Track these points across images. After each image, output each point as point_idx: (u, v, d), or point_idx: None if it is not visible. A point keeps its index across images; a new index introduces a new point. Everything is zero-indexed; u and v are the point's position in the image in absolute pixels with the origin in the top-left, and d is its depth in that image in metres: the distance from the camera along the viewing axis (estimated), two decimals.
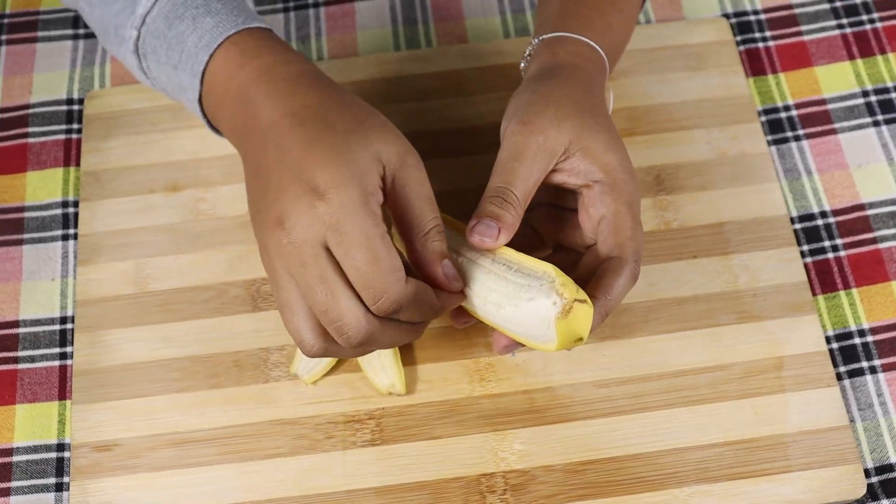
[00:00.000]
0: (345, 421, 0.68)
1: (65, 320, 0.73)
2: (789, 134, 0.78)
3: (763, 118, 0.79)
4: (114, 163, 0.77)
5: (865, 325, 0.71)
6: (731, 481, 0.65)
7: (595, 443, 0.67)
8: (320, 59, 0.82)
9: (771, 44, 0.82)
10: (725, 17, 0.83)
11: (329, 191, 0.55)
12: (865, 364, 0.70)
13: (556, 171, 0.63)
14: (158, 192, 0.76)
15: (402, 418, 0.68)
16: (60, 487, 0.68)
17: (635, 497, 0.65)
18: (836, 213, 0.75)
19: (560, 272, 0.59)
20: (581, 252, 0.65)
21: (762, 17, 0.83)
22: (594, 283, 0.62)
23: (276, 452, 0.67)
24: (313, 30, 0.84)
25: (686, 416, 0.68)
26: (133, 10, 0.63)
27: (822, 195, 0.76)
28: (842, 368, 0.70)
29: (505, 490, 0.66)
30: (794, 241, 0.73)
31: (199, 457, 0.67)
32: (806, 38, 0.82)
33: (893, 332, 0.71)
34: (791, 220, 0.75)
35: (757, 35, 0.83)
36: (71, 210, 0.76)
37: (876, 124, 0.79)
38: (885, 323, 0.71)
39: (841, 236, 0.74)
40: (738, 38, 0.82)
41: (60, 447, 0.69)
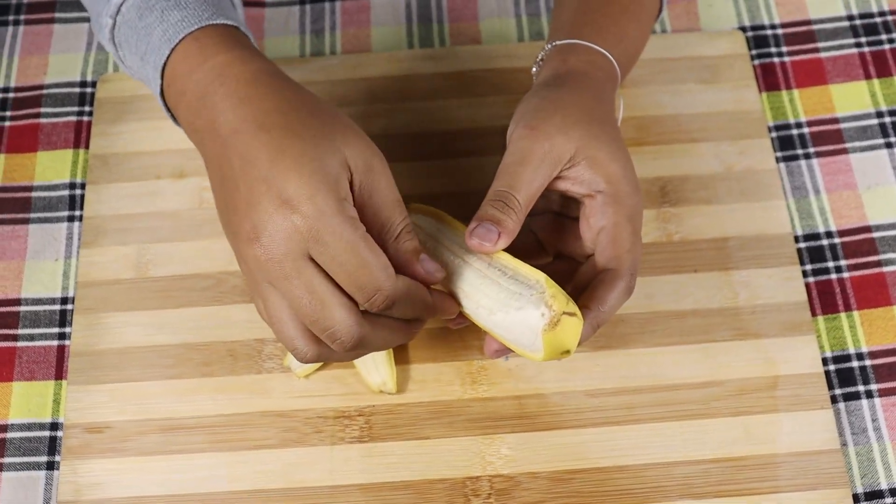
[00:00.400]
0: (334, 416, 0.68)
1: (65, 301, 0.73)
2: (799, 151, 0.78)
3: (774, 134, 0.78)
4: (122, 147, 0.77)
5: (864, 349, 0.71)
6: (716, 498, 0.65)
7: (583, 452, 0.67)
8: (333, 52, 0.82)
9: (787, 59, 0.81)
10: (742, 30, 0.82)
11: (303, 202, 0.54)
12: (862, 388, 0.70)
13: (561, 178, 0.63)
14: (164, 179, 0.76)
15: (391, 417, 0.68)
16: (51, 466, 0.68)
17: None
18: (841, 233, 0.75)
19: (552, 283, 0.59)
20: (581, 262, 0.65)
21: (779, 31, 0.83)
22: (588, 294, 0.61)
23: (264, 444, 0.67)
24: (328, 23, 0.84)
25: (676, 431, 0.67)
26: None
27: (829, 215, 0.75)
28: (837, 391, 0.70)
29: (490, 494, 0.66)
30: (797, 261, 0.73)
31: (188, 444, 0.67)
32: (823, 55, 0.81)
33: (893, 357, 0.70)
34: (796, 239, 0.74)
35: (773, 50, 0.82)
36: (78, 192, 0.77)
37: (889, 146, 0.78)
38: (884, 347, 0.71)
39: (845, 257, 0.74)
40: (754, 52, 0.82)
41: (54, 426, 0.69)
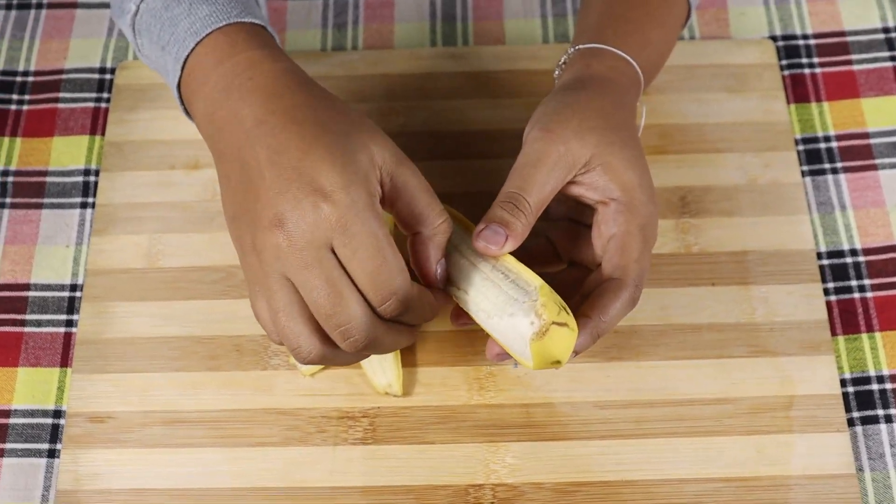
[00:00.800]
0: (338, 416, 0.67)
1: (74, 288, 0.73)
2: (826, 166, 0.76)
3: (801, 147, 0.76)
4: (138, 135, 0.77)
5: (885, 372, 0.69)
6: None
7: (589, 465, 0.65)
8: (355, 47, 0.81)
9: (818, 70, 0.79)
10: (773, 39, 0.81)
11: (336, 191, 0.54)
12: (881, 412, 0.68)
13: (575, 183, 0.62)
14: (178, 169, 0.76)
15: (396, 420, 0.67)
16: (53, 454, 0.68)
17: None
18: (866, 251, 0.73)
19: (547, 291, 0.57)
20: (593, 269, 0.64)
21: (811, 42, 0.81)
22: (590, 302, 0.60)
23: (266, 441, 0.66)
24: (350, 17, 0.83)
25: (687, 447, 0.66)
26: None
27: (855, 232, 0.73)
28: (855, 414, 0.68)
29: (492, 503, 0.64)
30: (819, 278, 0.71)
31: (190, 438, 0.67)
32: (856, 67, 0.79)
33: None
34: (818, 255, 0.72)
35: (804, 60, 0.80)
36: (92, 178, 0.77)
37: None
38: None
39: (869, 276, 0.72)
40: (784, 63, 0.80)
41: (57, 414, 0.69)
